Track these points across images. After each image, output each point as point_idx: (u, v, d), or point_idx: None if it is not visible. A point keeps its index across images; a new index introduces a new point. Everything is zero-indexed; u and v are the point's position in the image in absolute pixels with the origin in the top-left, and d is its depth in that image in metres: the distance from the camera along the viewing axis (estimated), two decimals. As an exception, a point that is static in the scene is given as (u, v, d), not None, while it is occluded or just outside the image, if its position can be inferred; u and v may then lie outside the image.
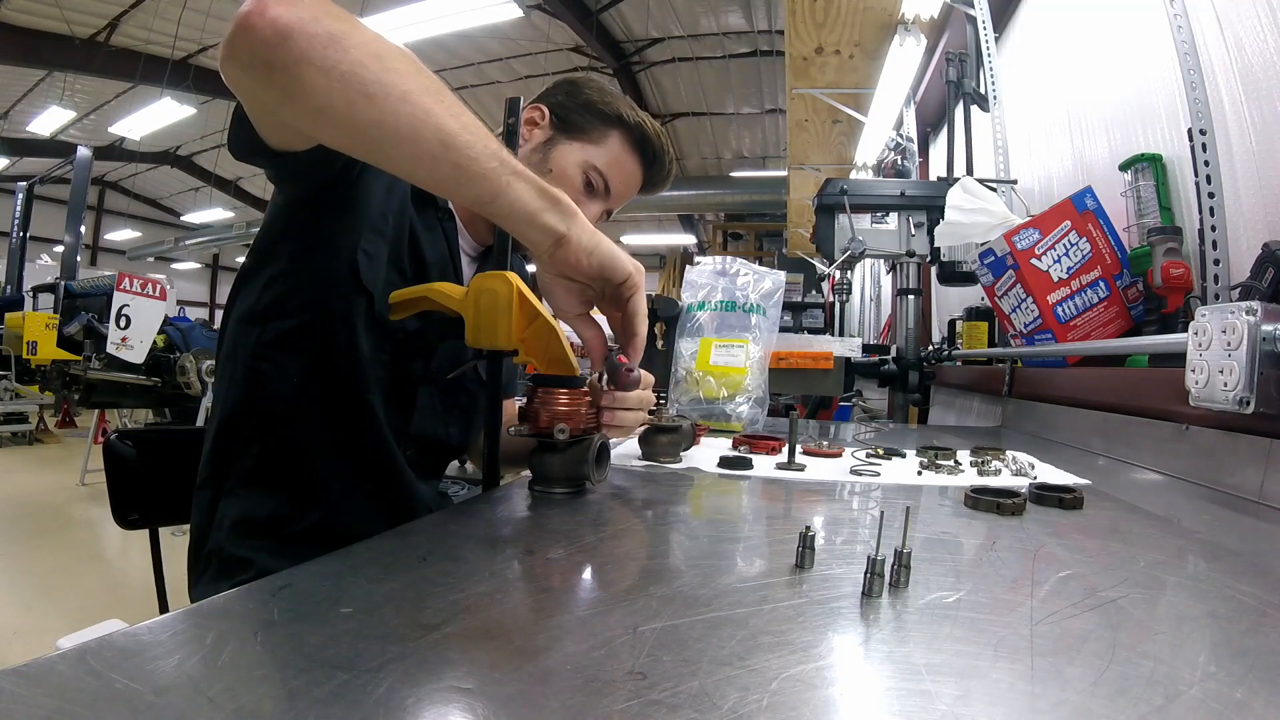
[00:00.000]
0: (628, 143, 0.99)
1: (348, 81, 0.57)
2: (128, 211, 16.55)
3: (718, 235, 11.88)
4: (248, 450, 0.86)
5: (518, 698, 0.30)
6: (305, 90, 0.57)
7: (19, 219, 8.10)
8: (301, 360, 0.85)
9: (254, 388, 0.86)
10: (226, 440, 0.87)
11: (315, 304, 0.85)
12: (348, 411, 0.87)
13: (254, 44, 0.56)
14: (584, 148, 0.97)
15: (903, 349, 2.38)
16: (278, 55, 0.56)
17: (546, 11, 7.39)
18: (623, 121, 0.98)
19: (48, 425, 7.28)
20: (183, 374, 4.70)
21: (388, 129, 0.58)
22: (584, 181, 0.97)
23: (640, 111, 1.01)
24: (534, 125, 0.99)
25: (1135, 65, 1.60)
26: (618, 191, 1.00)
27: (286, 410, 0.86)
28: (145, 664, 0.32)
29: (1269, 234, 1.10)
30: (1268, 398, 0.77)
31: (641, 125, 0.99)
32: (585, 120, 0.98)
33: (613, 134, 0.98)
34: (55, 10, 7.83)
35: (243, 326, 0.87)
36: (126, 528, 1.04)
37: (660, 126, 1.04)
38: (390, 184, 0.89)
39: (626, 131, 0.99)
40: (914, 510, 0.54)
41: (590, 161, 0.97)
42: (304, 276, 0.85)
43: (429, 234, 0.95)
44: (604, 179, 0.98)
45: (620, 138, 0.99)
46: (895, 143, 3.26)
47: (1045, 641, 0.38)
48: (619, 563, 0.54)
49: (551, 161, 0.97)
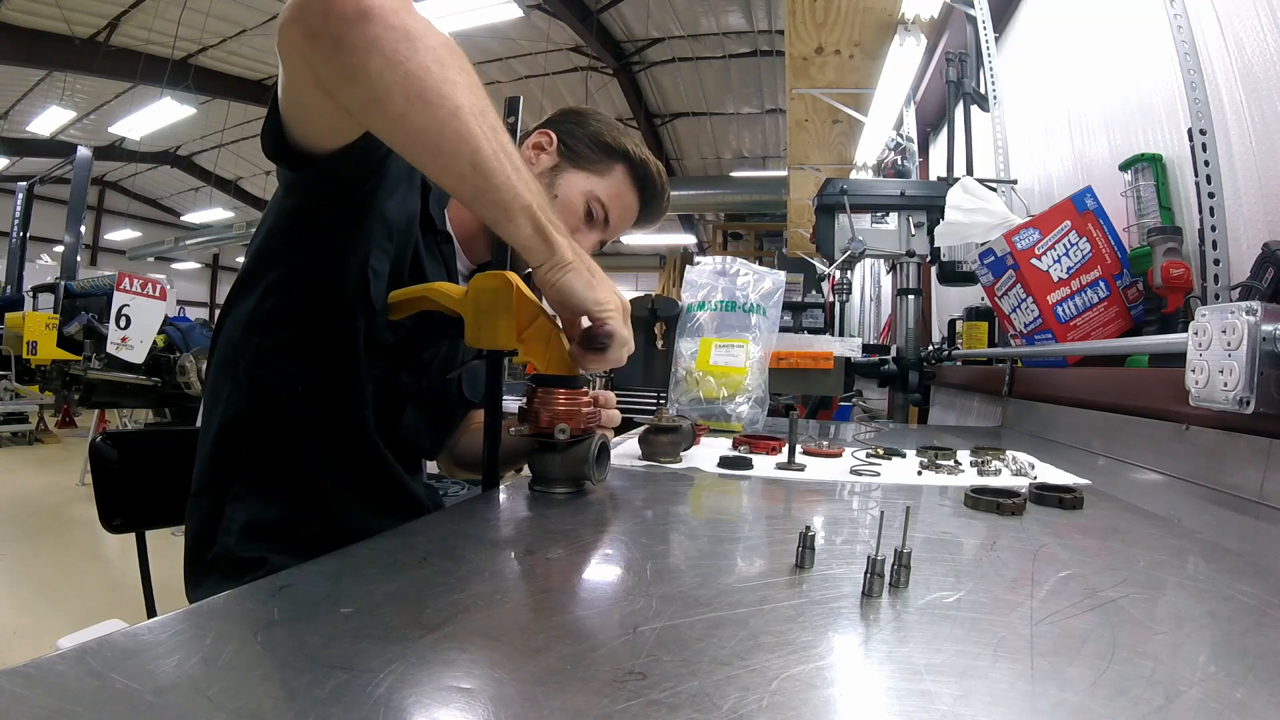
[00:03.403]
0: (630, 178, 1.03)
1: (409, 82, 0.59)
2: (128, 211, 16.55)
3: (718, 235, 11.89)
4: (252, 456, 0.86)
5: (518, 698, 0.30)
6: (368, 78, 0.59)
7: (19, 219, 8.09)
8: (302, 368, 0.85)
9: (257, 394, 0.85)
10: (229, 446, 0.86)
11: (318, 316, 0.84)
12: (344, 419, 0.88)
13: (330, 15, 0.57)
14: (589, 178, 1.01)
15: (903, 349, 2.38)
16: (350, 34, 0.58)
17: (546, 11, 7.39)
18: (628, 157, 1.02)
19: (48, 425, 7.28)
20: (183, 374, 4.70)
21: (432, 137, 0.62)
22: (585, 210, 1.01)
23: (644, 148, 1.05)
24: (541, 150, 1.02)
25: (1135, 65, 1.60)
26: (615, 223, 1.04)
27: (289, 417, 0.85)
28: (145, 664, 0.32)
29: (1269, 234, 1.10)
30: (1268, 398, 0.77)
31: (646, 163, 1.04)
32: (592, 152, 1.01)
33: (617, 168, 1.02)
34: (55, 10, 7.83)
35: (242, 332, 0.86)
36: (112, 531, 1.02)
37: (661, 166, 1.07)
38: (402, 200, 0.88)
39: (630, 167, 1.03)
40: (914, 510, 0.54)
41: (594, 192, 1.01)
42: (308, 287, 0.84)
43: (429, 255, 0.95)
44: (605, 210, 1.02)
45: (624, 172, 1.03)
46: (895, 143, 3.26)
47: (1045, 641, 0.38)
48: (619, 563, 0.54)
49: (558, 188, 1.00)
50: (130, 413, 6.12)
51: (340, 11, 0.57)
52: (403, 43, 0.58)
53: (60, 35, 8.36)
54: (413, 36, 0.58)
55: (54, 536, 3.81)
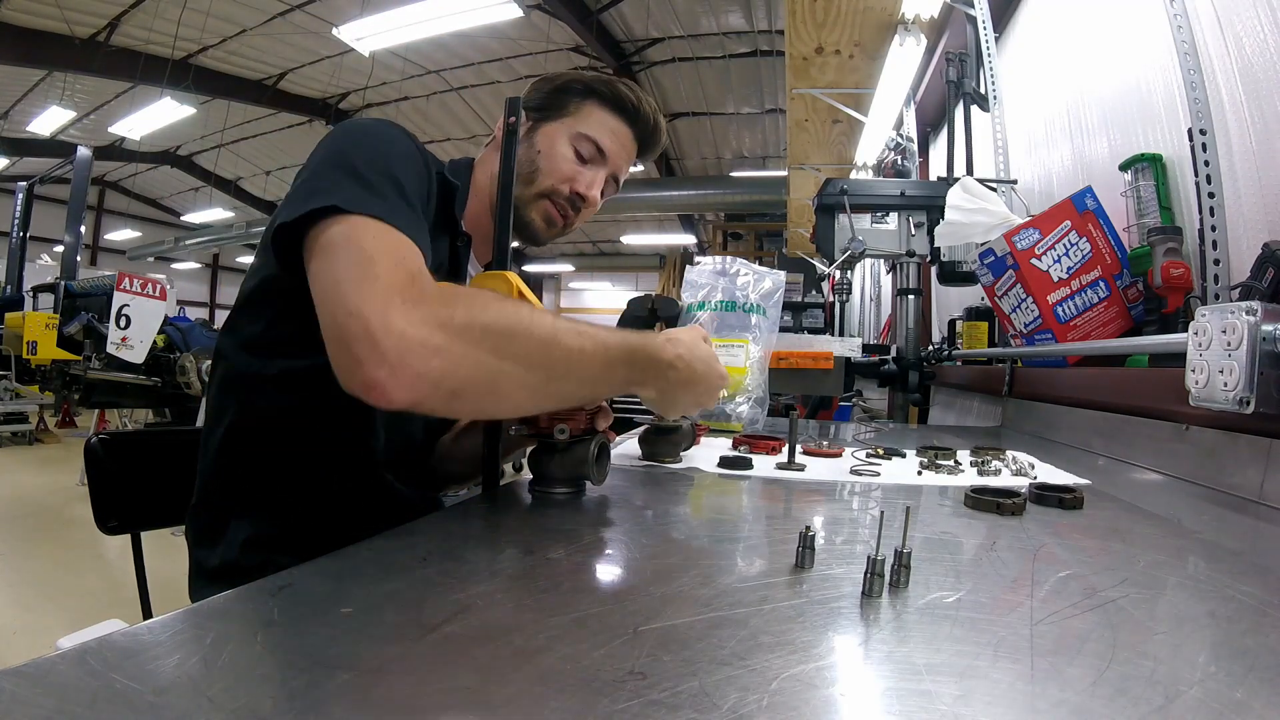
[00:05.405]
0: (605, 105, 1.01)
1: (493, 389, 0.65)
2: (128, 211, 16.53)
3: (718, 235, 11.88)
4: (256, 475, 0.85)
5: (518, 698, 0.30)
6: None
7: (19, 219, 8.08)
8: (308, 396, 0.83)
9: (261, 416, 0.84)
10: (232, 464, 0.86)
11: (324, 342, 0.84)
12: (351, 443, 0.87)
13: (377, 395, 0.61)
14: (563, 123, 0.99)
15: (903, 349, 2.38)
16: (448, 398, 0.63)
17: (546, 11, 7.38)
18: (593, 89, 1.01)
19: (48, 425, 7.27)
20: (183, 374, 4.70)
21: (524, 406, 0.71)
22: (574, 153, 0.99)
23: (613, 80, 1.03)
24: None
25: (1135, 65, 1.60)
26: (612, 151, 1.01)
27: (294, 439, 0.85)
28: (145, 664, 0.32)
29: (1269, 234, 1.10)
30: (1268, 398, 0.77)
31: (611, 84, 1.02)
32: (559, 100, 1.00)
33: (587, 102, 1.01)
34: (55, 10, 7.82)
35: (246, 354, 0.85)
36: (107, 533, 1.01)
37: (635, 86, 1.05)
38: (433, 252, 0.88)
39: (599, 96, 1.01)
40: (914, 510, 0.54)
41: (574, 131, 0.99)
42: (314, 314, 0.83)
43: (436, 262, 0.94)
44: (593, 143, 1.00)
45: (596, 103, 1.01)
46: (895, 143, 3.26)
47: (1045, 641, 0.38)
48: (619, 563, 0.54)
49: (538, 145, 0.98)
50: (130, 413, 6.12)
51: (387, 397, 0.60)
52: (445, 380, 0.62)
53: (60, 35, 8.35)
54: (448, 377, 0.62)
55: (54, 536, 3.81)
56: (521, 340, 0.65)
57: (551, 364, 0.66)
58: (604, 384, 0.72)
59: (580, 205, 1.00)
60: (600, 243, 16.62)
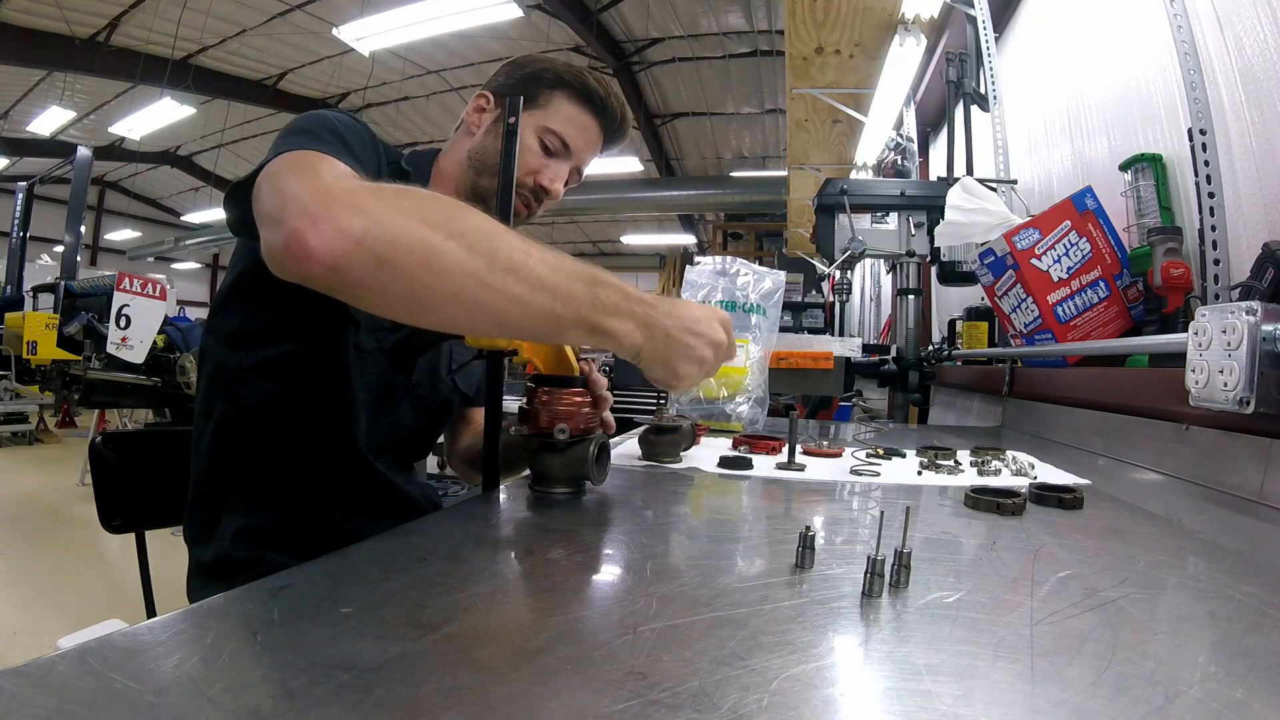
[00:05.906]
0: (573, 98, 1.01)
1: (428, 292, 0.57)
2: (128, 211, 16.52)
3: (718, 235, 11.88)
4: (245, 468, 0.87)
5: (518, 698, 0.30)
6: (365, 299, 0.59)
7: (19, 219, 8.08)
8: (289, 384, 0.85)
9: (247, 409, 0.86)
10: (222, 459, 0.87)
11: (303, 332, 0.85)
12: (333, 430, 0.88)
13: (305, 275, 0.55)
14: (532, 115, 0.99)
15: (903, 349, 2.38)
16: (368, 277, 0.55)
17: (546, 11, 7.38)
18: (562, 80, 1.00)
19: (48, 425, 7.27)
20: (183, 374, 4.69)
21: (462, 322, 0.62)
22: (540, 145, 0.99)
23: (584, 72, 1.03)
24: (482, 110, 1.02)
25: (1135, 65, 1.60)
26: (577, 146, 1.01)
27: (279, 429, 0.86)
28: (145, 664, 0.32)
29: (1269, 234, 1.10)
30: (1268, 398, 0.77)
31: (581, 76, 1.01)
32: (529, 90, 1.00)
33: (556, 94, 1.00)
34: (55, 10, 7.82)
35: (227, 349, 0.87)
36: (112, 531, 1.02)
37: (605, 79, 1.05)
38: None
39: (568, 89, 1.01)
40: (914, 510, 0.54)
41: (540, 124, 0.99)
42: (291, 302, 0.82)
43: None
44: (559, 137, 1.00)
45: (564, 95, 1.01)
46: (895, 143, 3.26)
47: (1045, 641, 0.38)
48: (619, 563, 0.54)
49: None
50: (130, 413, 6.11)
51: (312, 272, 0.55)
52: (380, 270, 0.55)
53: (60, 35, 8.34)
54: (387, 263, 0.55)
55: (54, 536, 3.81)
56: (460, 221, 0.58)
57: (494, 252, 0.58)
58: (561, 298, 0.60)
59: (543, 197, 1.01)
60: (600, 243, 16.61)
